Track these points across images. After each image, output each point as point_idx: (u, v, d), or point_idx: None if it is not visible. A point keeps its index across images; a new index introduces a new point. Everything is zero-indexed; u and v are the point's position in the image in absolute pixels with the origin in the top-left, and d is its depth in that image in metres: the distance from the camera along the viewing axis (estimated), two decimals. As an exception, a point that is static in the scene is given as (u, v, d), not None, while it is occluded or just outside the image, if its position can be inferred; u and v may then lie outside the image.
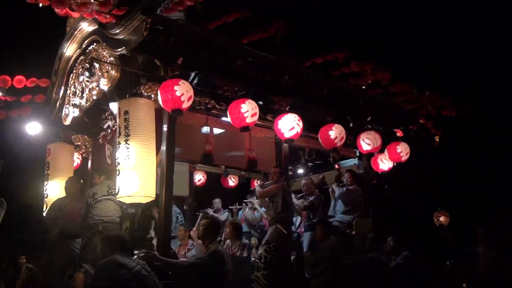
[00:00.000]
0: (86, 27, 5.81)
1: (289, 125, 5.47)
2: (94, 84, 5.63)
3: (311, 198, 6.51)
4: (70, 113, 6.29)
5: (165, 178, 4.87)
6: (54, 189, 6.30)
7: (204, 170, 8.42)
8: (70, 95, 6.35)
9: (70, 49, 6.28)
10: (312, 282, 5.53)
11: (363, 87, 6.19)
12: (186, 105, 4.59)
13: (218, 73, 5.46)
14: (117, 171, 4.62)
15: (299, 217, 6.85)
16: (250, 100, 5.06)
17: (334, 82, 6.18)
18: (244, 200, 7.50)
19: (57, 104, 6.66)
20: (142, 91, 4.99)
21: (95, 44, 5.78)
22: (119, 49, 4.88)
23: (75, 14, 4.65)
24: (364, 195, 6.93)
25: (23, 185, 7.78)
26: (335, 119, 6.56)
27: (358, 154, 7.26)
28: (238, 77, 5.50)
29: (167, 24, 4.70)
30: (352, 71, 5.64)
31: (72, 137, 6.74)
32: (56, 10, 4.52)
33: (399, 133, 8.06)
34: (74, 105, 6.18)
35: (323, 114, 6.36)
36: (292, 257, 5.83)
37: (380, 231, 6.68)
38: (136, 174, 4.58)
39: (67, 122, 6.41)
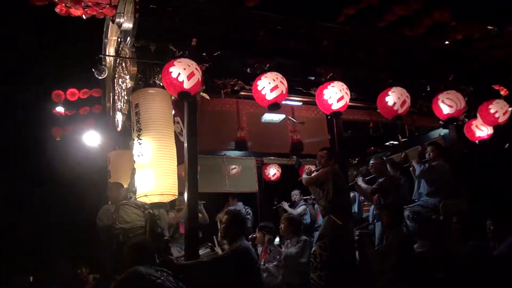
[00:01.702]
0: (116, 28, 5.67)
1: (337, 95, 4.58)
2: (124, 84, 5.42)
3: (380, 180, 5.45)
4: (119, 119, 6.21)
5: (187, 174, 4.38)
6: (117, 198, 6.26)
7: (276, 163, 7.76)
8: (116, 100, 6.29)
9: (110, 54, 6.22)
10: (379, 280, 4.52)
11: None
12: (188, 85, 4.03)
13: (240, 49, 4.81)
14: (134, 170, 4.29)
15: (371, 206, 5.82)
16: (269, 74, 4.30)
17: (388, 37, 5.05)
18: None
19: (111, 112, 6.67)
20: (157, 81, 4.58)
21: (121, 43, 5.58)
22: (127, 41, 4.56)
23: (76, 12, 4.45)
24: (454, 171, 5.62)
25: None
26: (404, 83, 5.51)
27: (442, 122, 5.94)
28: (264, 50, 4.78)
29: (161, 1, 4.22)
30: (399, 16, 4.48)
31: (129, 142, 6.69)
32: (57, 10, 4.36)
33: (503, 91, 6.52)
34: (119, 110, 6.07)
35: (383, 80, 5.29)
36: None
37: (476, 213, 5.32)
38: (151, 171, 4.20)
39: (119, 128, 6.34)
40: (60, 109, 6.91)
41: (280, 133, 5.16)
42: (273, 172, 7.92)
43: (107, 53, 6.11)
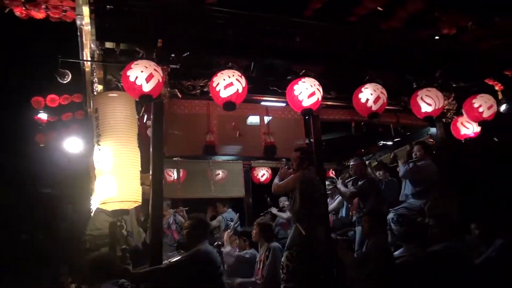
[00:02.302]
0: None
1: (307, 91, 4.35)
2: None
3: (359, 183, 5.19)
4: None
5: (152, 180, 4.22)
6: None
7: (264, 166, 7.56)
8: (94, 105, 6.18)
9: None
10: (353, 288, 4.28)
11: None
12: (148, 87, 3.87)
13: (210, 49, 4.63)
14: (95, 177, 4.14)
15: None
16: (225, 71, 4.13)
17: (363, 31, 4.80)
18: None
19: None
20: (119, 84, 4.43)
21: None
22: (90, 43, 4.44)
23: (38, 15, 4.33)
24: (441, 171, 5.35)
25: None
26: (387, 80, 5.27)
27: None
28: (235, 47, 4.60)
29: (118, 1, 4.07)
30: (371, 9, 4.22)
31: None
32: (17, 13, 4.25)
33: (497, 86, 6.22)
34: (97, 115, 5.96)
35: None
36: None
37: (463, 215, 5.05)
38: (111, 177, 4.03)
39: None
40: (43, 115, 6.84)
41: (252, 136, 4.94)
42: (262, 173, 7.74)
43: (85, 57, 6.01)
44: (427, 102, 4.89)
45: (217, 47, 4.57)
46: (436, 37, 5.23)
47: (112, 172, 4.03)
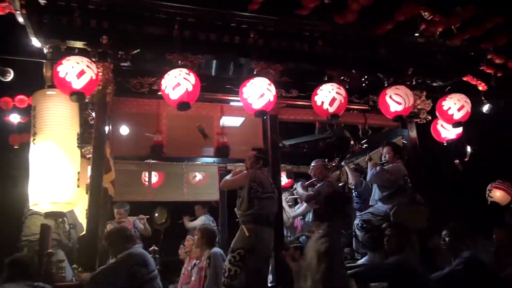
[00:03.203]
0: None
1: (257, 92, 4.13)
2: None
3: (317, 186, 4.91)
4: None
5: (91, 180, 4.07)
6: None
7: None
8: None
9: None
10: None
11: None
12: (79, 84, 3.71)
13: (159, 46, 4.46)
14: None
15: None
16: (173, 71, 3.94)
17: (319, 26, 4.54)
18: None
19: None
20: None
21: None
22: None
23: None
24: (413, 175, 5.04)
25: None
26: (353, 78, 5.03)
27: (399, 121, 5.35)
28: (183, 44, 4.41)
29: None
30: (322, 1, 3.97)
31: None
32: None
33: (481, 86, 5.88)
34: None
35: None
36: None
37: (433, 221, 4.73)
38: (46, 177, 3.89)
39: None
40: (15, 116, 6.75)
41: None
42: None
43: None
44: (396, 101, 4.60)
45: (165, 44, 4.38)
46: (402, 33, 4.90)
47: (46, 172, 3.89)
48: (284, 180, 7.30)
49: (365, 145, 6.25)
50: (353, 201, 5.49)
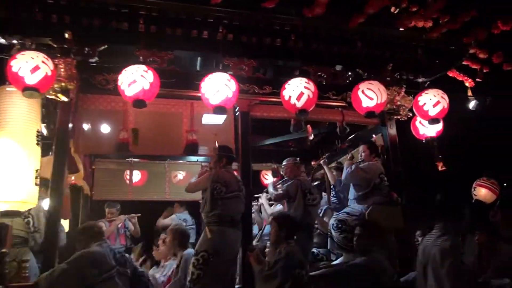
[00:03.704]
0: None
1: (214, 88, 4.00)
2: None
3: (285, 185, 4.77)
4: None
5: (52, 178, 3.99)
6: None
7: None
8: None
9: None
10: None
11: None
12: (32, 80, 3.58)
13: (125, 42, 4.36)
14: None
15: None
16: (131, 67, 3.83)
17: (284, 19, 4.40)
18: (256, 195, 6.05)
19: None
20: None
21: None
22: None
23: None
24: (390, 174, 4.89)
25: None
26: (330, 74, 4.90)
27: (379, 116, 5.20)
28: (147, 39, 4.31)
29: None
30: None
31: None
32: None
33: (468, 82, 5.71)
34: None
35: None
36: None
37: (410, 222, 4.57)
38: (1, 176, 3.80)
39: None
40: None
41: (173, 133, 4.61)
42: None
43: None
44: (369, 96, 4.42)
45: (131, 40, 4.28)
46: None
47: (2, 170, 3.80)
48: (270, 178, 7.15)
49: (346, 143, 6.13)
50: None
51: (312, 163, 6.20)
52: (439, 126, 5.03)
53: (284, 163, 5.02)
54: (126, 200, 6.60)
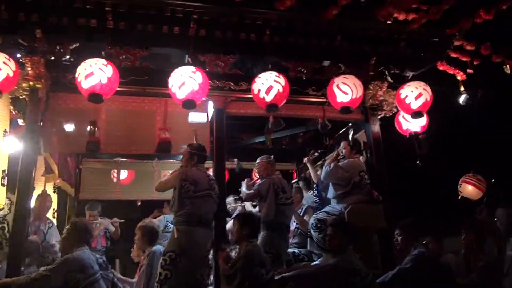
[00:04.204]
0: None
1: (178, 80, 3.87)
2: None
3: (257, 184, 4.63)
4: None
5: (19, 178, 3.94)
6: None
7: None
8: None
9: None
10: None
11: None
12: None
13: (95, 37, 4.27)
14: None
15: None
16: (88, 60, 3.76)
17: (256, 12, 4.26)
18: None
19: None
20: None
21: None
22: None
23: None
24: (372, 172, 4.73)
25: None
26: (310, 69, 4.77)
27: (362, 112, 5.05)
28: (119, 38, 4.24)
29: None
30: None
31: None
32: None
33: (459, 75, 5.51)
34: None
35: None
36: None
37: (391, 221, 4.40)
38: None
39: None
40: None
41: (146, 132, 4.52)
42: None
43: None
44: (343, 91, 4.27)
45: (100, 37, 4.21)
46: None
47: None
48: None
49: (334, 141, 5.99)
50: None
51: (304, 160, 6.07)
52: (423, 121, 4.85)
53: (257, 161, 4.89)
54: (113, 200, 6.59)
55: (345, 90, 4.26)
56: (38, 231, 4.86)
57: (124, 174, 6.66)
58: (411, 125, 4.86)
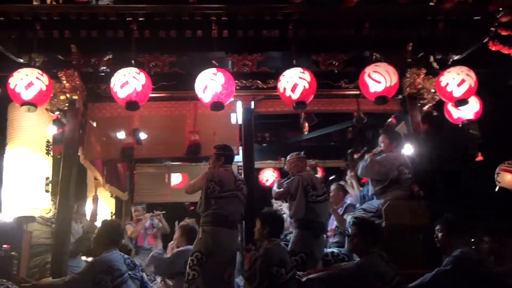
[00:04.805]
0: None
1: (203, 83, 3.93)
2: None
3: (286, 182, 4.48)
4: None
5: (61, 183, 4.23)
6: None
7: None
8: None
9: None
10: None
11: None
12: (28, 95, 3.83)
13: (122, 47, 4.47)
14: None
15: None
16: (122, 70, 3.94)
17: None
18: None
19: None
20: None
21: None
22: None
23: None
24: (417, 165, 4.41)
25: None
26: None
27: (401, 102, 4.75)
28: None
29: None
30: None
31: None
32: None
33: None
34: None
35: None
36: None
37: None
38: (16, 184, 4.13)
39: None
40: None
41: (176, 135, 4.60)
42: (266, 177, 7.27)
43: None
44: (376, 80, 4.04)
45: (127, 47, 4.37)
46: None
47: (17, 179, 4.13)
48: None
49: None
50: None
51: (355, 156, 5.86)
52: (476, 107, 4.45)
53: (287, 159, 4.76)
54: (165, 203, 6.82)
55: (378, 78, 4.03)
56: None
57: (177, 177, 6.85)
58: (463, 112, 4.49)
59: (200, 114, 4.57)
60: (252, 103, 4.65)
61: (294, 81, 3.94)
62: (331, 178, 5.73)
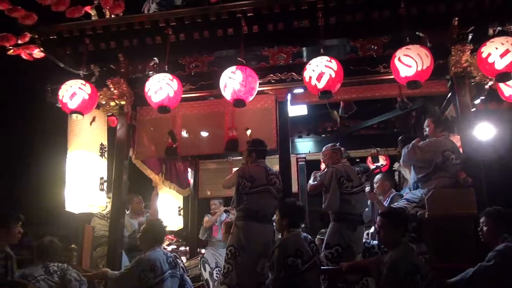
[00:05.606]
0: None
1: (222, 82, 4.03)
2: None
3: (319, 174, 4.35)
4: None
5: (114, 182, 4.63)
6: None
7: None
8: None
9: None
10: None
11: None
12: (73, 105, 4.22)
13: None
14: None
15: None
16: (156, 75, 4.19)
17: None
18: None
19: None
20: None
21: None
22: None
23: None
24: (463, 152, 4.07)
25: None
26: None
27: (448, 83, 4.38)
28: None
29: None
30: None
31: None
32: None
33: None
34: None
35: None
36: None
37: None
38: (76, 183, 4.61)
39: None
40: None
41: (216, 132, 4.71)
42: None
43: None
44: (406, 64, 3.78)
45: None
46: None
47: (76, 178, 4.61)
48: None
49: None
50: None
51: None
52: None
53: (323, 151, 4.65)
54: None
55: (408, 62, 3.76)
56: None
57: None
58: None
59: (238, 111, 4.65)
60: (289, 95, 4.65)
61: (320, 70, 3.84)
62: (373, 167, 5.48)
